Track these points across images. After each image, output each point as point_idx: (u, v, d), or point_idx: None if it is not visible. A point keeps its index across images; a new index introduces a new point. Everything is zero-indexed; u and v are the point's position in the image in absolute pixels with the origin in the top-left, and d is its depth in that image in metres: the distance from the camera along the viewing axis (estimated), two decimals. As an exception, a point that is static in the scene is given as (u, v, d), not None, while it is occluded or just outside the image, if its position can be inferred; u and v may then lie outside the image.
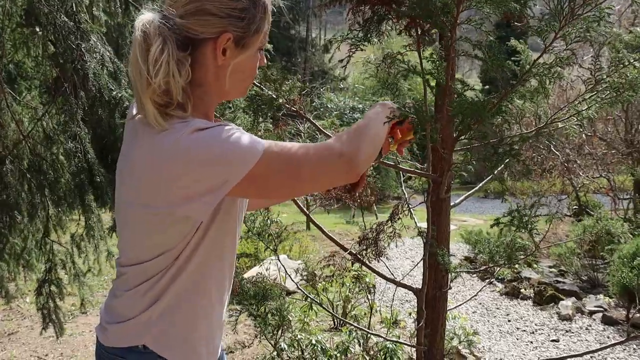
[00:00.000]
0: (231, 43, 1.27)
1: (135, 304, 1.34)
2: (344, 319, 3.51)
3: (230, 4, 1.25)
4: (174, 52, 1.21)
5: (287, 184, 1.28)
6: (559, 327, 5.92)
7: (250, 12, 1.28)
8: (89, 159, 3.86)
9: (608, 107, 2.12)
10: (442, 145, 1.94)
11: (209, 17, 1.24)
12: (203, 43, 1.26)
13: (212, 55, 1.28)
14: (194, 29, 1.24)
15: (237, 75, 1.34)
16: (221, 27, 1.25)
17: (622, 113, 9.49)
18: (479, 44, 1.62)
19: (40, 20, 3.44)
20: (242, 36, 1.28)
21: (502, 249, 2.10)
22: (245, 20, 1.27)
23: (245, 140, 1.20)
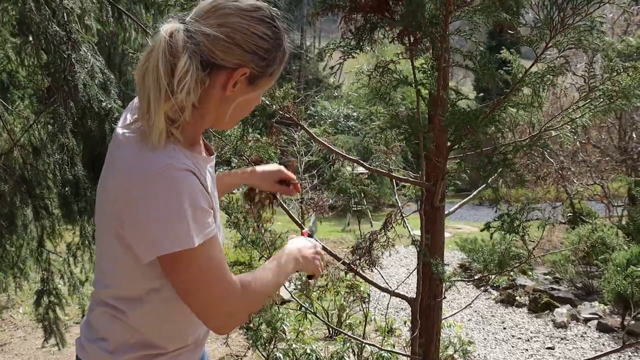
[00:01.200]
0: (245, 79, 1.27)
1: (109, 324, 1.34)
2: (339, 329, 3.49)
3: (257, 41, 1.24)
4: (197, 71, 1.20)
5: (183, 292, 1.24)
6: (554, 335, 5.91)
7: (272, 55, 1.28)
8: (76, 171, 3.83)
9: (601, 115, 2.12)
10: (436, 154, 1.94)
11: (235, 48, 1.23)
12: (219, 69, 1.24)
13: (222, 83, 1.26)
14: (217, 53, 1.22)
15: (237, 110, 1.33)
16: (242, 60, 1.24)
17: (615, 120, 9.52)
18: (470, 54, 1.62)
19: (32, 29, 3.42)
20: (258, 75, 1.28)
21: (495, 257, 2.09)
22: (265, 61, 1.27)
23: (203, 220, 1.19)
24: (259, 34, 1.24)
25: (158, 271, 1.24)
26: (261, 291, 1.35)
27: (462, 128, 1.64)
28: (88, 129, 3.76)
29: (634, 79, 2.01)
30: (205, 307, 1.24)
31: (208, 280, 1.22)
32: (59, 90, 3.38)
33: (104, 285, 1.34)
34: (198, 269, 1.21)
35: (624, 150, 9.49)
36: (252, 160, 2.31)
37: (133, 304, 1.31)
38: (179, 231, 1.16)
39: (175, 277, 1.22)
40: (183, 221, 1.16)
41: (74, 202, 3.92)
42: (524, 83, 1.68)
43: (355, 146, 14.04)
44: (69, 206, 3.94)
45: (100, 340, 1.35)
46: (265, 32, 1.25)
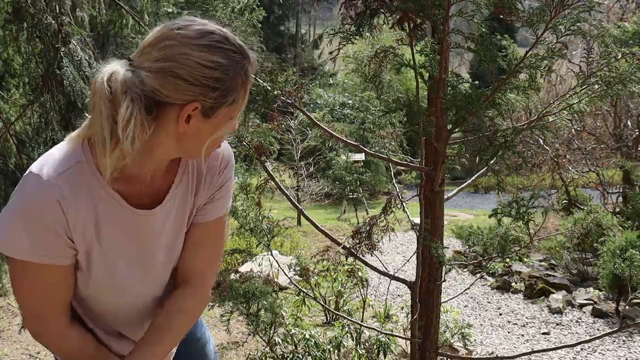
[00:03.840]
0: (198, 112, 1.15)
1: None
2: (337, 313, 3.51)
3: (204, 72, 1.12)
4: (141, 114, 1.11)
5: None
6: (549, 320, 5.96)
7: (226, 84, 1.14)
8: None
9: (598, 101, 2.14)
10: (436, 138, 1.95)
11: (179, 82, 1.11)
12: (167, 106, 1.14)
13: (174, 119, 1.15)
14: (161, 91, 1.12)
15: (198, 140, 1.21)
16: (191, 95, 1.12)
17: (610, 108, 9.55)
18: (472, 36, 1.63)
19: (26, 19, 3.41)
20: (213, 107, 1.15)
21: (496, 241, 2.11)
22: (218, 91, 1.14)
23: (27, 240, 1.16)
24: (207, 63, 1.12)
25: None
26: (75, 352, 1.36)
27: (463, 110, 1.65)
28: (73, 125, 3.76)
29: (631, 65, 2.03)
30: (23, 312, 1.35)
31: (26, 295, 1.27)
32: (47, 82, 3.37)
33: None
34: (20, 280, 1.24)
35: (619, 138, 9.52)
36: (253, 146, 2.32)
37: None
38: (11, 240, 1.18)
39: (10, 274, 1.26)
40: (18, 234, 1.16)
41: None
42: (524, 65, 1.70)
43: (351, 133, 14.06)
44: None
45: None
46: (214, 60, 1.12)
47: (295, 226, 10.82)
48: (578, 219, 2.50)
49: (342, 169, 12.53)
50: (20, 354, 4.87)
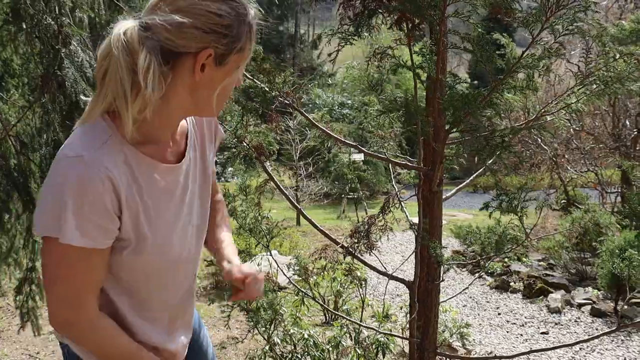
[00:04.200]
0: (211, 60, 1.22)
1: None
2: (336, 313, 3.52)
3: (214, 20, 1.19)
4: (159, 66, 1.18)
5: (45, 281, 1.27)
6: (548, 320, 5.97)
7: (235, 30, 1.22)
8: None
9: (595, 99, 2.15)
10: (434, 138, 1.96)
11: (193, 31, 1.18)
12: (182, 56, 1.21)
13: (189, 70, 1.22)
14: (176, 41, 1.19)
15: (212, 92, 1.29)
16: (203, 42, 1.20)
17: (609, 108, 9.56)
18: (468, 36, 1.64)
19: (25, 20, 3.41)
20: (224, 54, 1.23)
21: (493, 239, 2.12)
22: (228, 37, 1.22)
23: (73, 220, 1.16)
24: (215, 11, 1.19)
25: None
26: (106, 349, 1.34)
27: (460, 110, 1.66)
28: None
29: (629, 64, 2.04)
30: (50, 301, 1.26)
31: (61, 280, 1.23)
32: (48, 84, 3.37)
33: None
34: (57, 264, 1.22)
35: (617, 138, 9.53)
36: (253, 146, 2.32)
37: None
38: (56, 221, 1.16)
39: (41, 257, 1.25)
40: (64, 215, 1.15)
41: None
42: (521, 65, 1.70)
43: (350, 134, 14.06)
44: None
45: None
46: (222, 8, 1.20)
47: (295, 226, 10.82)
48: (576, 218, 2.50)
49: (344, 166, 12.56)
50: (20, 354, 4.88)
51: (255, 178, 2.52)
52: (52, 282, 1.23)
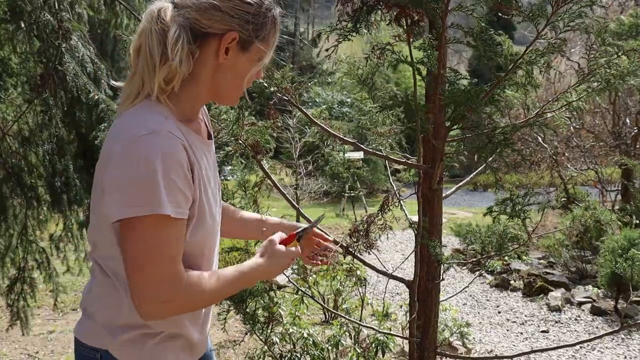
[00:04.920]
0: (235, 44, 1.28)
1: (102, 304, 1.35)
2: (336, 312, 3.50)
3: (242, 6, 1.27)
4: (187, 40, 1.24)
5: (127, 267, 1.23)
6: (548, 318, 5.96)
7: (260, 19, 1.30)
8: (65, 161, 3.81)
9: (596, 95, 2.12)
10: (434, 135, 1.93)
11: (219, 14, 1.25)
12: (209, 37, 1.27)
13: (214, 52, 1.28)
14: (203, 22, 1.25)
15: (233, 78, 1.34)
16: (229, 25, 1.27)
17: (609, 105, 9.53)
18: (471, 31, 1.61)
19: (23, 17, 3.39)
20: (248, 40, 1.30)
21: (494, 239, 2.09)
22: (253, 25, 1.29)
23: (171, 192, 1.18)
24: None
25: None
26: (208, 296, 1.32)
27: (462, 106, 1.63)
28: (78, 119, 3.74)
29: (632, 62, 2.01)
30: (142, 287, 1.21)
31: (154, 259, 1.20)
32: (49, 79, 3.35)
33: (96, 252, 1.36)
34: (153, 240, 1.19)
35: (617, 136, 9.50)
36: (249, 144, 2.30)
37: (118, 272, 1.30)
38: (149, 197, 1.16)
39: (125, 241, 1.21)
40: (156, 187, 1.16)
41: (64, 192, 3.91)
42: (524, 61, 1.68)
43: (350, 132, 14.04)
44: (58, 196, 3.93)
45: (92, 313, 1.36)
46: None
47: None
48: (577, 216, 2.48)
49: (339, 165, 12.52)
50: (19, 353, 4.86)
51: (254, 174, 2.49)
52: (145, 264, 1.20)
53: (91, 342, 1.35)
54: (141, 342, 1.33)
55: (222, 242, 7.93)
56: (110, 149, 1.23)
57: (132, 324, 1.32)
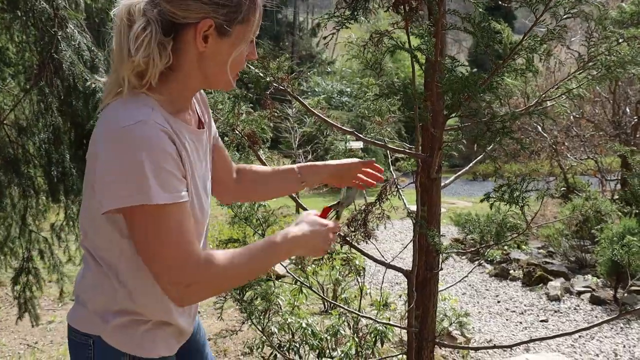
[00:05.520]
0: (213, 30, 1.25)
1: (94, 291, 1.35)
2: (334, 302, 3.49)
3: None
4: (156, 34, 1.21)
5: (142, 255, 1.23)
6: (547, 308, 5.96)
7: (234, 1, 1.25)
8: (61, 150, 3.79)
9: (597, 85, 2.11)
10: (433, 124, 1.91)
11: (190, 2, 1.22)
12: (184, 28, 1.24)
13: (193, 41, 1.25)
14: (176, 13, 1.22)
15: (219, 64, 1.31)
16: (202, 12, 1.23)
17: (609, 95, 9.51)
18: (468, 17, 1.59)
19: (19, 5, 3.36)
20: (225, 23, 1.25)
21: (492, 228, 2.08)
22: (227, 8, 1.24)
23: (165, 180, 1.17)
24: None
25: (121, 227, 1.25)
26: (237, 271, 1.29)
27: (460, 94, 1.61)
28: (75, 108, 3.71)
29: (632, 48, 1.99)
30: (161, 276, 1.21)
31: (165, 243, 1.19)
32: (45, 68, 3.32)
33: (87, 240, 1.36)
34: (156, 229, 1.18)
35: (617, 125, 9.49)
36: (245, 134, 2.28)
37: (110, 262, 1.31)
38: (138, 186, 1.15)
39: (132, 233, 1.21)
40: (144, 177, 1.14)
41: (61, 182, 3.89)
42: (523, 48, 1.66)
43: (349, 121, 14.01)
44: (54, 185, 3.92)
45: (84, 300, 1.36)
46: None
47: (294, 214, 10.79)
48: (577, 205, 2.48)
49: (341, 154, 12.49)
50: (18, 344, 4.86)
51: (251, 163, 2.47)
52: (155, 254, 1.20)
53: (83, 328, 1.35)
54: (133, 328, 1.34)
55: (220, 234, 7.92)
56: (97, 141, 1.21)
57: (123, 311, 1.33)
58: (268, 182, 1.78)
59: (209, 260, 1.23)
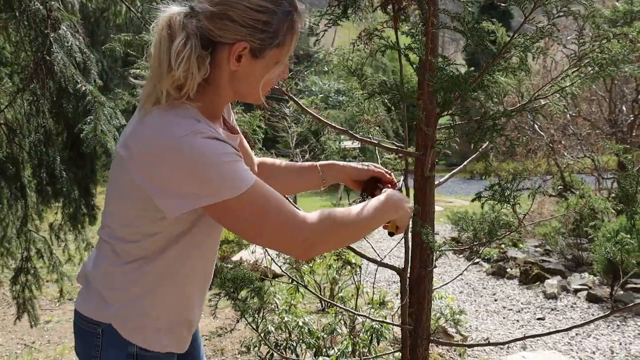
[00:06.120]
0: (247, 52, 1.27)
1: (111, 281, 1.37)
2: (331, 301, 3.50)
3: (253, 15, 1.24)
4: (196, 48, 1.23)
5: (250, 233, 1.29)
6: (544, 306, 5.98)
7: (273, 27, 1.27)
8: (52, 152, 3.79)
9: (590, 82, 2.11)
10: (425, 122, 1.92)
11: (229, 24, 1.24)
12: (220, 45, 1.26)
13: (226, 59, 1.28)
14: (213, 30, 1.25)
15: (250, 82, 1.33)
16: (239, 35, 1.25)
17: (605, 93, 9.52)
18: (458, 16, 1.59)
19: (14, 6, 3.36)
20: (260, 48, 1.28)
21: (485, 225, 2.09)
22: (265, 33, 1.27)
23: (236, 171, 1.22)
24: (255, 7, 1.24)
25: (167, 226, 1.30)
26: (344, 219, 1.34)
27: (451, 93, 1.62)
28: (65, 110, 3.71)
29: (623, 46, 2.00)
30: (277, 239, 1.28)
31: (269, 216, 1.24)
32: (37, 69, 3.32)
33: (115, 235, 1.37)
34: (255, 209, 1.23)
35: (614, 123, 9.49)
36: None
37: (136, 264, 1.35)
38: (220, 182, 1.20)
39: (227, 224, 1.27)
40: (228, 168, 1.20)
41: (50, 184, 3.89)
42: (513, 45, 1.66)
43: (346, 121, 14.00)
44: (42, 188, 3.92)
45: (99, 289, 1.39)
46: (262, 4, 1.25)
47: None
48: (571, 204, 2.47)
49: (335, 153, 12.49)
50: (15, 344, 4.86)
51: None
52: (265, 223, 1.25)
53: (94, 316, 1.38)
54: (146, 321, 1.38)
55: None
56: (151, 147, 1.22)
57: (140, 304, 1.37)
58: (289, 178, 1.81)
59: (313, 214, 1.30)
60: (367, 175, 1.75)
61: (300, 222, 1.26)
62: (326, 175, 1.76)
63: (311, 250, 1.30)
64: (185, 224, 1.32)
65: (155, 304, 1.38)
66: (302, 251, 1.29)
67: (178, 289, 1.40)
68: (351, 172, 1.76)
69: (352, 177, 1.77)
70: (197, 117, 1.25)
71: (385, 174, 1.75)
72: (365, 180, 1.75)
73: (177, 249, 1.34)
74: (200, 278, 1.48)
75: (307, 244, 1.27)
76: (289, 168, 1.80)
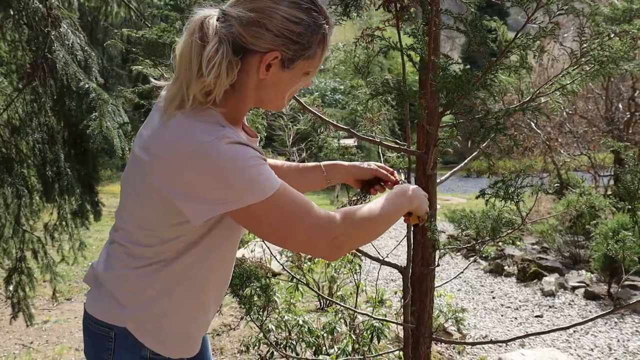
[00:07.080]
0: (277, 61, 1.27)
1: (125, 284, 1.36)
2: (331, 299, 3.50)
3: (288, 26, 1.24)
4: (228, 54, 1.21)
5: (275, 237, 1.28)
6: (542, 303, 5.99)
7: (306, 39, 1.26)
8: (56, 150, 3.78)
9: (590, 81, 2.12)
10: (427, 121, 1.92)
11: (264, 32, 1.23)
12: (251, 53, 1.25)
13: (256, 67, 1.26)
14: (247, 38, 1.23)
15: (276, 91, 1.33)
16: (272, 45, 1.24)
17: (602, 91, 9.55)
18: (460, 16, 1.59)
19: (12, 5, 3.35)
20: (291, 58, 1.28)
21: (488, 223, 2.09)
22: (298, 45, 1.26)
23: (262, 175, 1.21)
24: (291, 18, 1.24)
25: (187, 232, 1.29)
26: (364, 216, 1.34)
27: (454, 92, 1.62)
28: (68, 108, 3.71)
29: (624, 43, 2.01)
30: (304, 242, 1.27)
31: (296, 219, 1.24)
32: (39, 67, 3.31)
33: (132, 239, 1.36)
34: (281, 212, 1.23)
35: (610, 121, 9.53)
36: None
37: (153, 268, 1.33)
38: (247, 186, 1.19)
39: (253, 228, 1.26)
40: (253, 173, 1.19)
41: (55, 181, 3.88)
42: (515, 45, 1.66)
43: (342, 119, 14.01)
44: (49, 185, 3.91)
45: (110, 296, 1.37)
46: (298, 16, 1.24)
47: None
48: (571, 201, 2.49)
49: (334, 151, 12.51)
50: (13, 344, 4.84)
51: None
52: (292, 227, 1.25)
53: (108, 319, 1.36)
54: (161, 326, 1.37)
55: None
56: (175, 151, 1.21)
57: (152, 303, 1.35)
58: (293, 179, 1.78)
59: (337, 214, 1.30)
60: (370, 175, 1.75)
61: (327, 223, 1.26)
62: (330, 175, 1.76)
63: (338, 250, 1.30)
64: (205, 228, 1.31)
65: (171, 307, 1.36)
66: (329, 252, 1.29)
67: (195, 292, 1.38)
68: (355, 172, 1.76)
69: (356, 176, 1.77)
70: (221, 123, 1.24)
71: (387, 173, 1.75)
72: (368, 179, 1.76)
73: (196, 252, 1.33)
74: (218, 279, 1.47)
75: (334, 244, 1.27)
76: (292, 169, 1.79)
